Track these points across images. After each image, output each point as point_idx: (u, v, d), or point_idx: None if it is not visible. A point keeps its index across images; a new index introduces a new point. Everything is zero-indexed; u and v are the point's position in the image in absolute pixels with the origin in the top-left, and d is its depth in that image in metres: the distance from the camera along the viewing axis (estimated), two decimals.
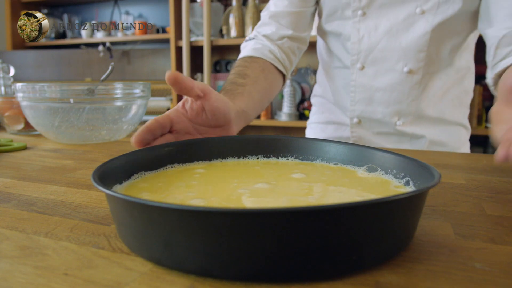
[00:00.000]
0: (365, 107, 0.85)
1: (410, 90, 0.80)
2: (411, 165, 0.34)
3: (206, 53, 2.41)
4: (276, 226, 0.22)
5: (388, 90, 0.81)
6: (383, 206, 0.24)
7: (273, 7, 0.84)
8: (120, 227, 0.29)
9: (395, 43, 0.78)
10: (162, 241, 0.25)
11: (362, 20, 0.79)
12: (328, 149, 0.43)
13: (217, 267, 0.24)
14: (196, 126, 0.50)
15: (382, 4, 0.77)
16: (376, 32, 0.79)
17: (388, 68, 0.80)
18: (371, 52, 0.80)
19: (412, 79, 0.79)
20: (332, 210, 0.23)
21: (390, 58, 0.79)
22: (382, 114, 0.83)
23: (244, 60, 0.78)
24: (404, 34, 0.77)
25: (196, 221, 0.23)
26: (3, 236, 0.31)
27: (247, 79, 0.71)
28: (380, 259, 0.26)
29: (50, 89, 0.72)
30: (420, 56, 0.77)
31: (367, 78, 0.82)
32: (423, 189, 0.25)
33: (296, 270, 0.23)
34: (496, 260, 0.27)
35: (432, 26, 0.75)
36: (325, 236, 0.23)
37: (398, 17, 0.77)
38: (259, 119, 2.39)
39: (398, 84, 0.80)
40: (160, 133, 0.45)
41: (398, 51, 0.78)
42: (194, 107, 0.49)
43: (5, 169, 0.55)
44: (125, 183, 0.36)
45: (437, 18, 0.74)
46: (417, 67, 0.78)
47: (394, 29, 0.77)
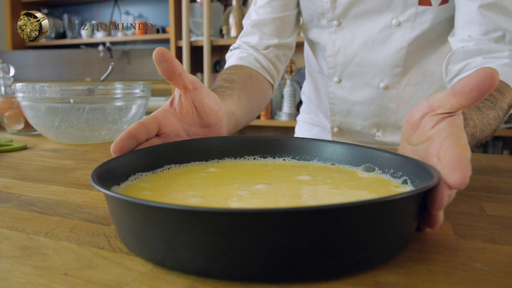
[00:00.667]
0: (344, 119, 0.85)
1: (388, 103, 0.79)
2: (409, 165, 0.34)
3: (206, 53, 2.41)
4: (275, 226, 0.22)
5: (366, 104, 0.81)
6: (384, 206, 0.24)
7: (255, 15, 0.80)
8: (119, 228, 0.29)
9: (371, 57, 0.76)
10: (162, 242, 0.25)
11: (338, 31, 0.77)
12: (325, 149, 0.43)
13: (217, 267, 0.24)
14: (186, 127, 0.44)
15: (357, 15, 0.75)
16: (352, 45, 0.77)
17: (365, 83, 0.79)
18: (347, 66, 0.79)
19: (390, 94, 0.78)
20: (333, 210, 0.23)
21: (367, 73, 0.78)
22: (361, 126, 0.83)
23: (230, 68, 0.74)
24: (381, 48, 0.75)
25: (194, 221, 0.23)
26: (3, 236, 0.31)
27: (234, 84, 0.67)
28: (382, 259, 0.26)
29: (50, 89, 0.72)
30: (396, 71, 0.76)
31: (344, 91, 0.82)
32: (424, 188, 0.25)
33: (296, 270, 0.23)
34: (496, 260, 0.27)
35: (409, 40, 0.73)
36: (326, 236, 0.23)
37: (374, 28, 0.75)
38: (259, 119, 2.39)
39: (376, 98, 0.79)
40: (145, 138, 0.39)
41: (374, 66, 0.77)
42: (184, 102, 0.43)
43: (5, 169, 0.55)
44: (124, 183, 0.36)
45: (414, 32, 0.72)
46: (394, 82, 0.77)
47: (370, 42, 0.75)
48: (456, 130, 0.31)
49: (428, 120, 0.34)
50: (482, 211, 0.37)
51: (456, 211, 0.37)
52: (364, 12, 0.74)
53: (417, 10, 0.71)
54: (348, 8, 0.75)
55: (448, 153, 0.28)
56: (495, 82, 0.29)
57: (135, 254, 0.27)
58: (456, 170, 0.26)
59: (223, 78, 0.69)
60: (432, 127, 0.33)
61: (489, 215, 0.36)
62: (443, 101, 0.32)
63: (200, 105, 0.44)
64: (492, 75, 0.29)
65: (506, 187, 0.46)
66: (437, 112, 0.33)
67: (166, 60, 0.38)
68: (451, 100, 0.31)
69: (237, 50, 0.80)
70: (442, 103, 0.32)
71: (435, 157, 0.31)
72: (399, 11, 0.72)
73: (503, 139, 2.23)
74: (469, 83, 0.29)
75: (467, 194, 0.43)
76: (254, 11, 0.81)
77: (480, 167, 0.55)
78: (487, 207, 0.39)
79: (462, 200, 0.41)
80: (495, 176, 0.51)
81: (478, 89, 0.29)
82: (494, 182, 0.48)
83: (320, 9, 0.78)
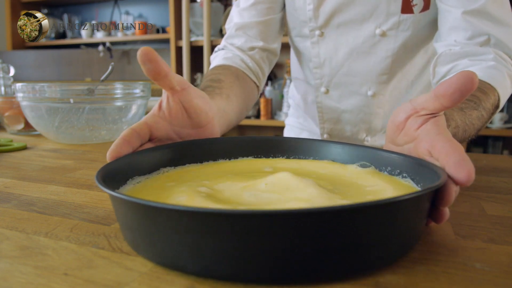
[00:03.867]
0: (334, 126, 0.85)
1: (377, 109, 0.80)
2: (415, 165, 0.34)
3: (206, 53, 2.41)
4: (276, 228, 0.22)
5: (355, 112, 0.81)
6: (394, 205, 0.24)
7: (239, 18, 0.79)
8: (126, 230, 0.28)
9: (357, 67, 0.77)
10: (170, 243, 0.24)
11: (321, 41, 0.77)
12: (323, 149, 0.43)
13: (219, 267, 0.24)
14: (177, 129, 0.43)
15: (340, 24, 0.75)
16: (337, 55, 0.77)
17: (352, 92, 0.80)
18: (334, 77, 0.79)
19: (378, 101, 0.79)
20: (336, 212, 0.23)
21: (354, 83, 0.79)
22: (351, 132, 0.84)
23: (216, 68, 0.72)
24: (366, 58, 0.75)
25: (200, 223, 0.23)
26: (3, 236, 0.31)
27: (222, 83, 0.65)
28: (387, 261, 0.26)
29: (50, 89, 0.72)
30: (383, 78, 0.76)
31: (332, 101, 0.82)
32: (431, 187, 0.25)
33: (297, 271, 0.23)
34: (496, 260, 0.27)
35: (393, 49, 0.73)
36: (329, 238, 0.23)
37: (357, 38, 0.74)
38: (259, 119, 2.39)
39: (364, 106, 0.80)
40: (139, 144, 0.38)
41: (361, 75, 0.77)
42: (172, 104, 0.41)
43: (5, 169, 0.55)
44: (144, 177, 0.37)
45: (398, 40, 0.72)
46: (381, 89, 0.78)
47: (355, 52, 0.75)
48: (442, 130, 0.33)
49: (413, 121, 0.35)
50: (482, 211, 0.37)
51: (456, 211, 0.37)
52: (347, 21, 0.74)
53: (400, 18, 0.71)
54: (331, 17, 0.74)
55: (446, 151, 0.30)
56: (475, 84, 0.31)
57: (142, 255, 0.27)
58: (461, 168, 0.28)
59: (210, 78, 0.67)
60: (417, 128, 0.35)
61: (489, 215, 0.36)
62: (426, 103, 0.34)
63: (189, 106, 0.42)
64: (472, 78, 0.30)
65: (506, 187, 0.46)
66: (421, 113, 0.35)
67: (151, 60, 0.36)
68: (434, 102, 0.33)
69: (222, 51, 0.78)
70: (425, 105, 0.34)
71: (426, 156, 0.33)
72: (382, 19, 0.72)
73: (503, 139, 2.23)
74: (451, 85, 0.31)
75: (467, 194, 0.43)
76: (237, 13, 0.79)
77: (480, 167, 0.55)
78: (487, 207, 0.39)
79: (462, 200, 0.41)
80: (495, 176, 0.51)
81: (459, 91, 0.31)
82: (494, 182, 0.48)
83: (302, 17, 0.77)
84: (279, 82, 2.55)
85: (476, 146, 2.23)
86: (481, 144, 2.26)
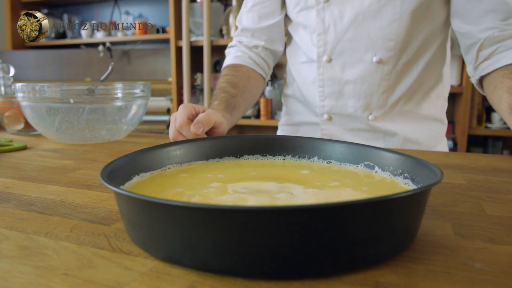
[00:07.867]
0: (335, 102, 0.82)
1: (381, 81, 0.78)
2: (412, 164, 0.34)
3: (206, 53, 2.41)
4: (276, 224, 0.22)
5: (358, 82, 0.79)
6: (389, 203, 0.24)
7: (244, 20, 0.88)
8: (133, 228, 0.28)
9: (363, 33, 0.76)
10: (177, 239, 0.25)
11: (326, 8, 0.77)
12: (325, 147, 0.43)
13: (220, 263, 0.24)
14: None
15: None
16: (342, 21, 0.77)
17: (357, 59, 0.78)
18: (338, 43, 0.78)
19: (383, 69, 0.77)
20: (335, 208, 0.23)
21: (358, 49, 0.77)
22: (353, 108, 0.81)
23: (229, 68, 0.85)
24: (371, 22, 0.75)
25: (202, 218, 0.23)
26: (3, 236, 0.31)
27: (237, 90, 0.78)
28: (383, 258, 0.26)
29: (50, 89, 0.72)
30: (390, 44, 0.75)
31: (335, 71, 0.81)
32: (427, 186, 0.25)
33: (296, 268, 0.23)
34: (496, 260, 0.27)
35: (400, 12, 0.73)
36: (326, 234, 0.23)
37: (363, 2, 0.74)
38: (259, 119, 2.39)
39: (368, 75, 0.78)
40: None
41: (366, 40, 0.76)
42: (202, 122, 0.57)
43: (5, 169, 0.55)
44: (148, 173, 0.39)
45: (405, 3, 0.72)
46: (387, 56, 0.76)
47: (360, 17, 0.75)
48: None
49: None
50: (482, 211, 0.37)
51: (456, 211, 0.37)
52: None
53: None
54: None
55: None
56: None
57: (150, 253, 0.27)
58: None
59: (226, 80, 0.80)
60: None
61: (489, 215, 0.36)
62: None
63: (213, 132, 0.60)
64: None
65: (506, 187, 0.46)
66: None
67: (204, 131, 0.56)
68: None
69: (233, 49, 0.89)
70: None
71: None
72: None
73: (503, 139, 2.23)
74: None
75: (467, 194, 0.43)
76: (244, 15, 0.89)
77: (480, 167, 0.55)
78: (487, 207, 0.39)
79: (462, 200, 0.41)
80: (495, 176, 0.51)
81: None
82: (494, 182, 0.48)
83: None
84: (279, 82, 2.55)
85: (476, 146, 2.23)
86: (481, 144, 2.26)
